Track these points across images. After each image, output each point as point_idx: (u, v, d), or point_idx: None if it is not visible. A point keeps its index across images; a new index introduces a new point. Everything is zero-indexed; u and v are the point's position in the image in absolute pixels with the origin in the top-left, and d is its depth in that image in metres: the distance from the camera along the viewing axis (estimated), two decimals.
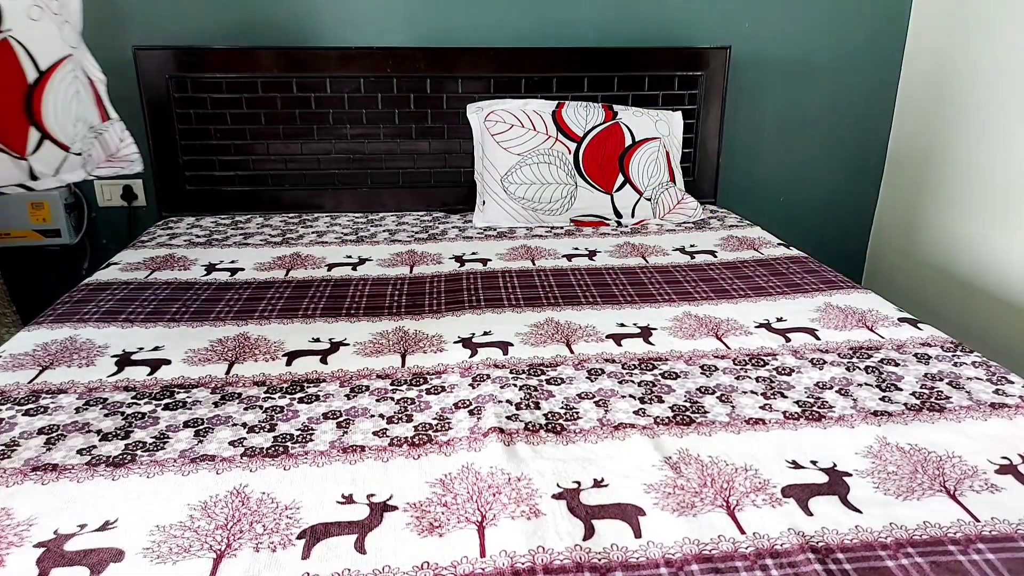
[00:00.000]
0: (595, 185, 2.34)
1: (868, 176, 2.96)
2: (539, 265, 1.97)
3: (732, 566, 0.89)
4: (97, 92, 1.62)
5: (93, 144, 1.57)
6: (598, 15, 2.58)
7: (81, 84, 1.56)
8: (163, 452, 1.12)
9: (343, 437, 1.16)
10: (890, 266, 2.95)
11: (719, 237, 2.22)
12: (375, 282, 1.84)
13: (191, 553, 0.91)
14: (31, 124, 1.47)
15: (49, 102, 1.48)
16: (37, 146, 1.50)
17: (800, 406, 1.25)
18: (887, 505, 1.00)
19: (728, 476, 1.06)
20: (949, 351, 1.45)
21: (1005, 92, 2.34)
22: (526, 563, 0.89)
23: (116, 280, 1.83)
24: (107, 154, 1.61)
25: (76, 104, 1.54)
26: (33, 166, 1.51)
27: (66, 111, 1.52)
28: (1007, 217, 2.35)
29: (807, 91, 2.80)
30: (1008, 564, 0.89)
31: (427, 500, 1.01)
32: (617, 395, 1.29)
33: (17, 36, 1.43)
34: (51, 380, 1.33)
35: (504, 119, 2.36)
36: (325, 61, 2.41)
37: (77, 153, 1.54)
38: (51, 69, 1.49)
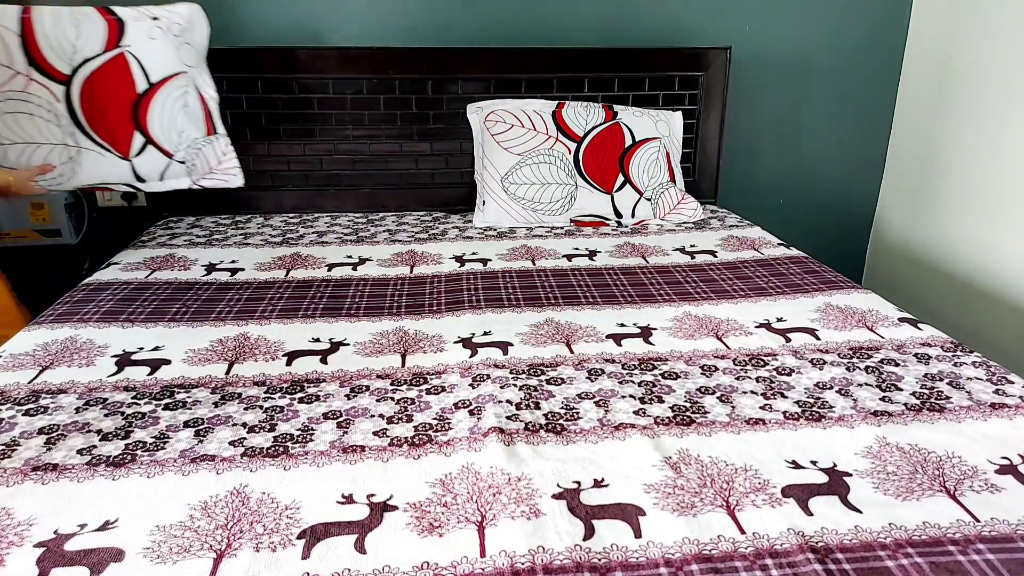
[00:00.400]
0: (595, 185, 2.34)
1: (868, 176, 2.96)
2: (539, 265, 1.97)
3: (732, 566, 0.89)
4: (207, 108, 1.76)
5: (197, 155, 1.71)
6: (599, 15, 2.58)
7: (191, 99, 1.71)
8: (163, 452, 1.12)
9: (343, 437, 1.16)
10: (890, 266, 2.95)
11: (719, 237, 2.22)
12: (375, 282, 1.84)
13: (191, 553, 0.91)
14: (136, 129, 1.63)
15: (155, 111, 1.65)
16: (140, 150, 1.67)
17: (800, 406, 1.25)
18: (887, 505, 1.00)
19: (728, 476, 1.06)
20: (949, 351, 1.45)
21: (1005, 92, 2.34)
22: (526, 563, 0.89)
23: (116, 280, 1.83)
24: (209, 166, 1.74)
25: (183, 116, 1.69)
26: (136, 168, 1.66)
27: (171, 121, 1.67)
28: (1007, 217, 2.35)
29: (807, 91, 2.80)
30: (1008, 564, 0.89)
31: (427, 500, 1.01)
32: (617, 395, 1.29)
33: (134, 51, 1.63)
34: (51, 380, 1.33)
35: (504, 119, 2.36)
36: (326, 62, 2.41)
37: (180, 161, 1.70)
38: (161, 82, 1.65)
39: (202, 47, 1.81)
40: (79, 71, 1.67)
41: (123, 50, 1.66)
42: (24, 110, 1.64)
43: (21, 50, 1.62)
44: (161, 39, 1.70)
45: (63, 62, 1.66)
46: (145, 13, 1.73)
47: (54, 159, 1.68)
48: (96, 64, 1.68)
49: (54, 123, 1.67)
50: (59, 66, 1.66)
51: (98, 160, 1.74)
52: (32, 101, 1.66)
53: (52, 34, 1.65)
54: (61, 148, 1.70)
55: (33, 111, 1.65)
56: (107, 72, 1.69)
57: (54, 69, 1.66)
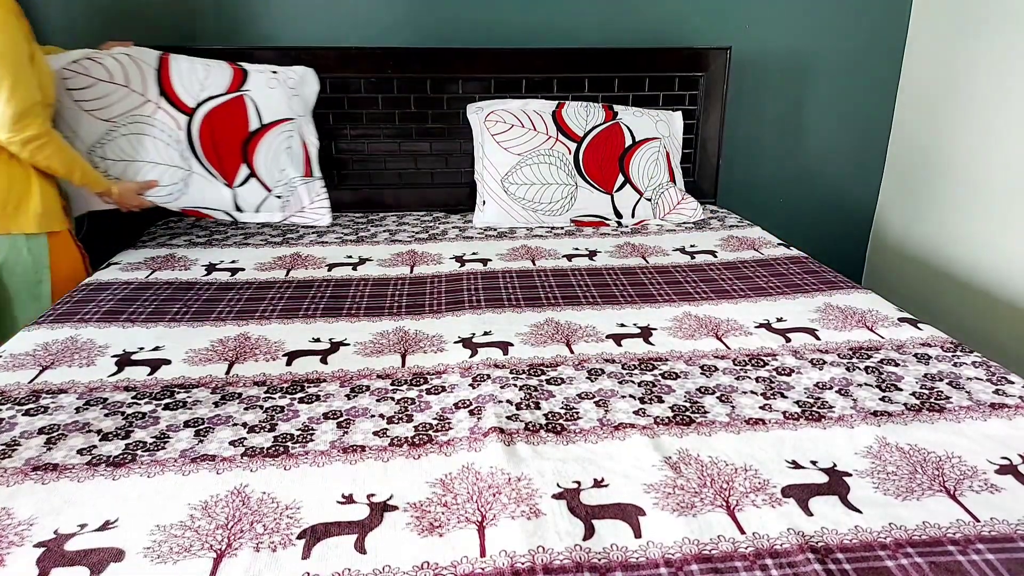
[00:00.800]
0: (595, 185, 2.34)
1: (868, 176, 2.96)
2: (539, 265, 1.97)
3: (732, 566, 0.89)
4: (308, 153, 2.04)
5: (293, 192, 1.98)
6: (599, 16, 2.58)
7: (295, 143, 1.99)
8: (163, 452, 1.12)
9: (343, 437, 1.16)
10: (890, 266, 2.95)
11: (719, 237, 2.22)
12: (375, 282, 1.84)
13: (191, 553, 0.91)
14: (243, 162, 1.90)
15: (262, 149, 1.92)
16: (244, 181, 1.94)
17: (800, 406, 1.25)
18: (887, 505, 1.00)
19: (728, 476, 1.06)
20: (949, 351, 1.45)
21: (1005, 92, 2.34)
22: (526, 563, 0.89)
23: (116, 280, 1.83)
24: (302, 205, 2.01)
25: (285, 156, 1.97)
26: (237, 197, 1.94)
27: (275, 159, 1.94)
28: (1007, 217, 2.35)
29: (807, 91, 2.80)
30: (1007, 564, 0.89)
31: (427, 500, 1.01)
32: (617, 395, 1.29)
33: (252, 95, 1.93)
34: (51, 380, 1.33)
35: (504, 119, 2.36)
36: (326, 61, 2.41)
37: (277, 196, 1.98)
38: (271, 124, 1.94)
39: (310, 102, 2.09)
40: (202, 106, 1.91)
41: (243, 93, 1.93)
42: (148, 132, 1.88)
43: (156, 83, 1.88)
44: (277, 89, 1.98)
45: (190, 96, 1.91)
46: (267, 68, 2.00)
47: (166, 179, 1.91)
48: (218, 101, 1.93)
49: (173, 147, 1.89)
50: (186, 99, 1.90)
51: (205, 185, 1.96)
52: (155, 126, 1.90)
53: (186, 73, 1.92)
54: (175, 169, 1.92)
55: (156, 135, 1.89)
56: (227, 109, 1.93)
57: (181, 102, 1.90)
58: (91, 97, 1.89)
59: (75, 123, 1.87)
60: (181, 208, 2.02)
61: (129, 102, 1.89)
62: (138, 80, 1.88)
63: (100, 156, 1.92)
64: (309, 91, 2.08)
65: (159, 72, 1.91)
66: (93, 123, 1.89)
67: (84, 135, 1.89)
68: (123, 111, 1.89)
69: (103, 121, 1.89)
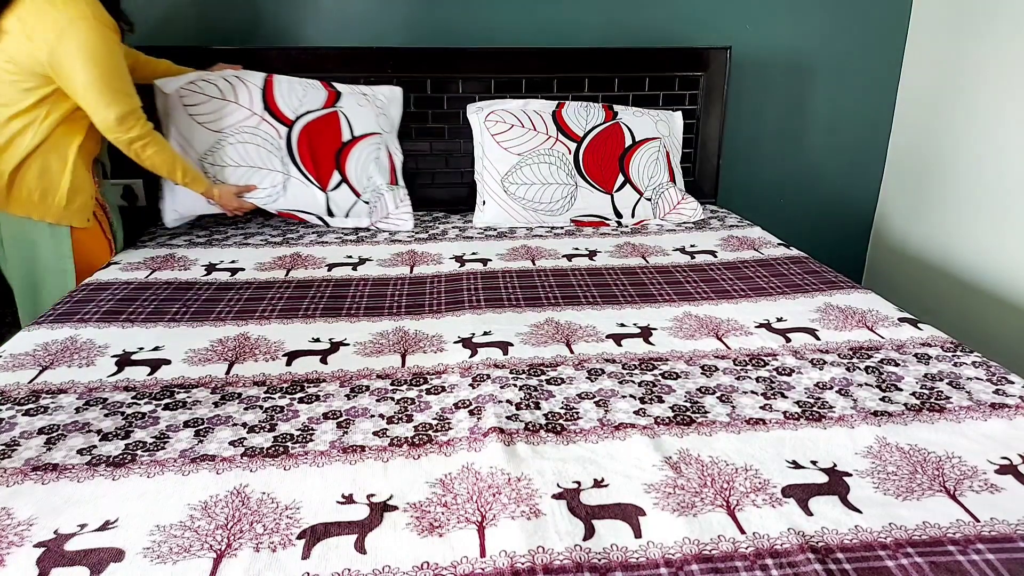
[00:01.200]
0: (595, 185, 2.34)
1: (868, 176, 2.96)
2: (539, 265, 1.97)
3: (732, 566, 0.89)
4: (393, 164, 2.28)
5: (379, 199, 2.19)
6: (599, 15, 2.58)
7: (382, 155, 2.23)
8: (163, 452, 1.12)
9: (343, 437, 1.16)
10: (890, 266, 2.95)
11: (719, 237, 2.22)
12: (375, 282, 1.84)
13: (191, 553, 0.91)
14: (336, 169, 2.16)
15: (353, 158, 2.17)
16: (336, 186, 2.18)
17: (800, 406, 1.25)
18: (887, 505, 1.00)
19: (728, 476, 1.06)
20: (949, 351, 1.45)
21: (1005, 93, 2.34)
22: (526, 563, 0.89)
23: (116, 280, 1.83)
24: (387, 211, 2.20)
25: (373, 166, 2.20)
26: (330, 201, 2.18)
27: (364, 168, 2.18)
28: (1007, 217, 2.35)
29: (807, 91, 2.80)
30: (1007, 564, 0.89)
31: (427, 500, 1.01)
32: (617, 395, 1.29)
33: (345, 111, 2.21)
34: (51, 380, 1.33)
35: (504, 119, 2.36)
36: (326, 61, 2.41)
37: (365, 201, 2.20)
38: (361, 137, 2.20)
39: (396, 120, 2.34)
40: (301, 119, 2.17)
41: (337, 109, 2.20)
42: (253, 142, 2.13)
43: (261, 100, 2.16)
44: (367, 107, 2.24)
45: (290, 111, 2.17)
46: (358, 89, 2.27)
47: (267, 182, 2.14)
48: (315, 115, 2.19)
49: (275, 155, 2.14)
50: (287, 113, 2.17)
51: (302, 189, 2.18)
52: (260, 135, 2.15)
53: (286, 91, 2.19)
54: (276, 174, 2.15)
55: (260, 143, 2.14)
56: (322, 122, 2.19)
57: (282, 115, 2.17)
58: (205, 112, 2.14)
59: (189, 134, 2.13)
60: (278, 210, 2.22)
61: (238, 115, 2.15)
62: (246, 97, 2.15)
63: (210, 163, 2.14)
64: (395, 112, 2.33)
65: (264, 91, 2.18)
66: (206, 134, 2.14)
67: (197, 144, 2.14)
68: (232, 123, 2.14)
69: (214, 132, 2.14)
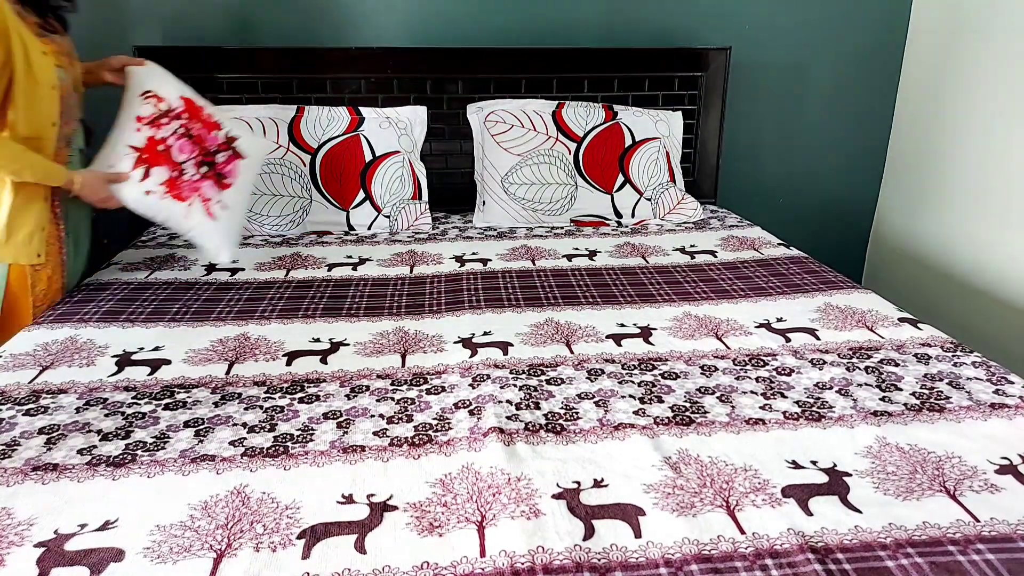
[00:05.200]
0: (595, 185, 2.34)
1: (868, 176, 2.96)
2: (539, 265, 1.97)
3: (732, 566, 0.89)
4: (417, 180, 2.33)
5: (401, 212, 2.27)
6: (599, 16, 2.58)
7: (405, 172, 2.29)
8: (163, 452, 1.12)
9: (343, 437, 1.16)
10: (890, 266, 2.95)
11: (719, 237, 2.22)
12: (375, 282, 1.84)
13: (191, 553, 0.91)
14: (360, 188, 2.24)
15: (377, 177, 2.26)
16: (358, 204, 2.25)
17: (800, 406, 1.25)
18: (887, 505, 1.00)
19: (728, 476, 1.06)
20: (949, 351, 1.45)
21: (1005, 92, 2.34)
22: (526, 563, 0.89)
23: (116, 280, 1.83)
24: (409, 222, 2.28)
25: (397, 183, 2.28)
26: (351, 218, 2.25)
27: (388, 185, 2.27)
28: (1007, 217, 2.35)
29: (807, 92, 2.80)
30: (1007, 564, 0.89)
31: (427, 500, 1.01)
32: (617, 395, 1.29)
33: (366, 134, 2.28)
34: (51, 380, 1.33)
35: (504, 119, 2.36)
36: (326, 62, 2.41)
37: (386, 216, 2.26)
38: (383, 156, 2.27)
39: (419, 140, 2.38)
40: (323, 146, 2.25)
41: (359, 133, 2.27)
42: (278, 172, 2.20)
43: (287, 133, 2.23)
44: (388, 129, 2.30)
45: (313, 139, 2.25)
46: (381, 113, 2.34)
47: (288, 209, 2.21)
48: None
49: (297, 182, 2.21)
50: (310, 142, 2.24)
51: (323, 210, 2.25)
52: (285, 165, 2.21)
53: (312, 122, 2.26)
54: (297, 199, 2.22)
55: (284, 172, 2.20)
56: (344, 147, 2.26)
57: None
58: None
59: None
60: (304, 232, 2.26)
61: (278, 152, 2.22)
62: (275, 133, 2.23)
63: None
64: (418, 132, 2.38)
65: (291, 124, 2.25)
66: None
67: None
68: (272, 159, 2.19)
69: None
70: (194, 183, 1.78)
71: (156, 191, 1.75)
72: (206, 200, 1.80)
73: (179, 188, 1.76)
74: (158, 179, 1.75)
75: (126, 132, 1.76)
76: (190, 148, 1.79)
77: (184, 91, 1.88)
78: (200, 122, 1.82)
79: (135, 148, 1.74)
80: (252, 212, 2.19)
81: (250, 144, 1.95)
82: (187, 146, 1.79)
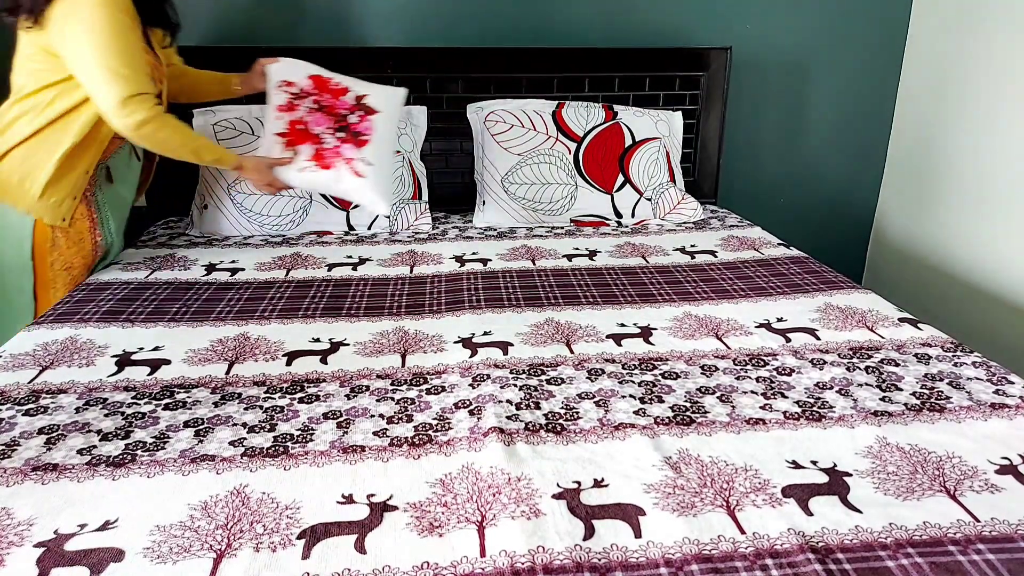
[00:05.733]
0: (595, 185, 2.34)
1: (868, 176, 2.96)
2: (539, 265, 1.97)
3: (732, 566, 0.89)
4: (417, 180, 2.33)
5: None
6: (599, 15, 2.58)
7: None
8: (163, 452, 1.12)
9: (343, 437, 1.16)
10: (890, 266, 2.95)
11: (719, 237, 2.22)
12: (375, 282, 1.84)
13: (191, 553, 0.91)
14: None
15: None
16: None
17: (800, 406, 1.25)
18: (887, 505, 1.00)
19: (728, 476, 1.06)
20: (949, 351, 1.45)
21: (1005, 92, 2.34)
22: (526, 563, 0.89)
23: (116, 280, 1.83)
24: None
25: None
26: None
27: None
28: (1007, 217, 2.35)
29: (807, 91, 2.80)
30: (1008, 564, 0.89)
31: (427, 500, 1.01)
32: (617, 395, 1.29)
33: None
34: (51, 380, 1.33)
35: (504, 119, 2.36)
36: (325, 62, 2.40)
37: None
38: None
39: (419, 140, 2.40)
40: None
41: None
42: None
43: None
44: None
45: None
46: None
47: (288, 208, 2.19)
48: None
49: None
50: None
51: (323, 210, 2.22)
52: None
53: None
54: (298, 199, 2.19)
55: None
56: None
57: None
58: None
59: None
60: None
61: None
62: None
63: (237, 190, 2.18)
64: (419, 133, 2.40)
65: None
66: None
67: None
68: None
69: None
70: (335, 149, 1.90)
71: (307, 166, 1.89)
72: (349, 161, 1.91)
73: (324, 158, 1.89)
74: (306, 155, 1.89)
75: (271, 123, 1.94)
76: (324, 119, 1.91)
77: (311, 70, 1.99)
78: (328, 92, 1.93)
79: (281, 135, 1.91)
80: (252, 212, 2.19)
81: (380, 98, 2.02)
82: (321, 118, 1.91)
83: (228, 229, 2.20)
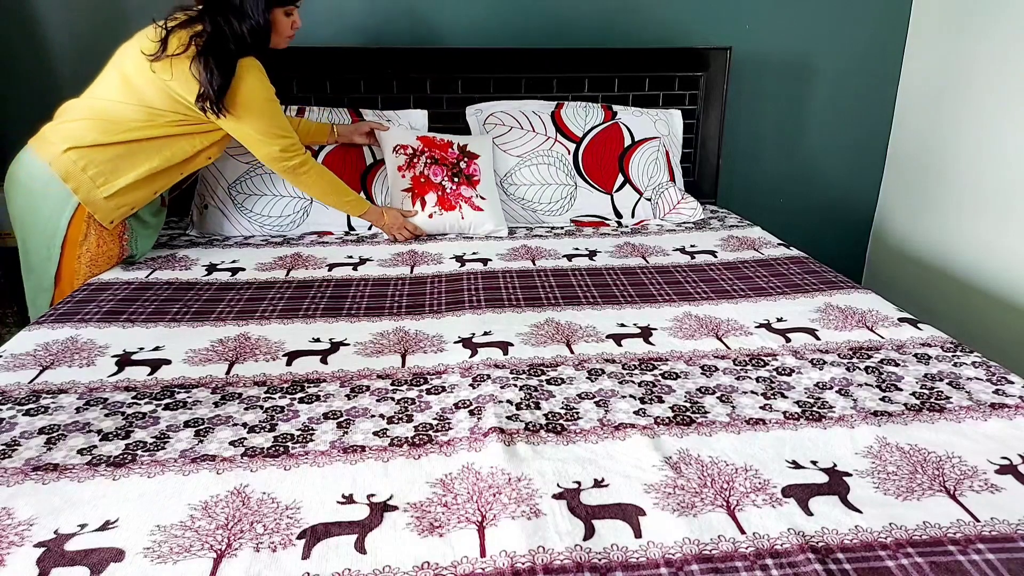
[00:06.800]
0: (595, 185, 2.34)
1: (868, 176, 2.96)
2: (539, 265, 1.97)
3: (732, 566, 0.89)
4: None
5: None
6: (599, 15, 2.58)
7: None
8: (164, 452, 1.12)
9: (343, 437, 1.16)
10: (890, 266, 2.95)
11: (719, 237, 2.22)
12: (376, 282, 1.84)
13: (191, 553, 0.91)
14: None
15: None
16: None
17: (800, 406, 1.25)
18: (887, 505, 1.00)
19: (728, 476, 1.06)
20: (949, 351, 1.45)
21: (1005, 93, 2.34)
22: (526, 563, 0.89)
23: (117, 280, 1.83)
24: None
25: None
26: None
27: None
28: (1007, 217, 2.35)
29: (807, 91, 2.80)
30: (1008, 564, 0.89)
31: (427, 500, 1.01)
32: (617, 395, 1.29)
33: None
34: (52, 380, 1.33)
35: (504, 121, 2.36)
36: (325, 62, 2.41)
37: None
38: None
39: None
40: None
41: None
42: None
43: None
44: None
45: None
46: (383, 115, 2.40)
47: (288, 209, 2.26)
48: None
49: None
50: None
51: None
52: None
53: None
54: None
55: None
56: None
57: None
58: None
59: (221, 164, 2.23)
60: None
61: None
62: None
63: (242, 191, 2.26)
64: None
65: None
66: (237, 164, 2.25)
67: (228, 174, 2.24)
68: None
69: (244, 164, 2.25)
70: (455, 192, 2.22)
71: (435, 211, 2.20)
72: (467, 200, 2.22)
73: (447, 201, 2.21)
74: (432, 202, 2.20)
75: (396, 181, 2.24)
76: (440, 170, 2.22)
77: (419, 132, 2.31)
78: (437, 148, 2.25)
79: (407, 190, 2.22)
80: (253, 212, 2.20)
81: (477, 145, 2.30)
82: (438, 170, 2.22)
83: (229, 229, 2.20)
